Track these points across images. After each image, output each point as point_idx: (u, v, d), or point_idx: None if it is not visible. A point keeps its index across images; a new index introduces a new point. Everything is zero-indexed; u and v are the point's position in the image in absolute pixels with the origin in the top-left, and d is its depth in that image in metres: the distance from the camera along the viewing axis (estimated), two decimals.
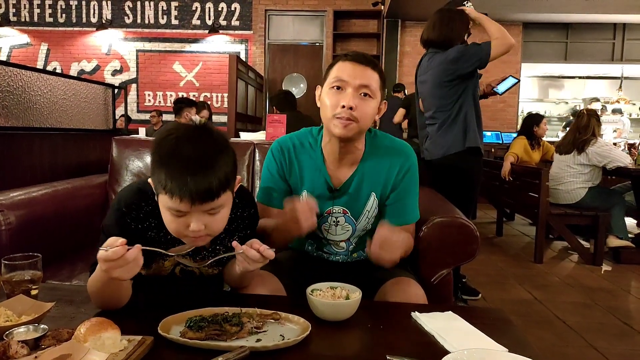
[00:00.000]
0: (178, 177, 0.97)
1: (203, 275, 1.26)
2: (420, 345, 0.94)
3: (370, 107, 1.26)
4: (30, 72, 2.79)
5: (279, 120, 2.77)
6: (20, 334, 0.86)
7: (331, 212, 1.39)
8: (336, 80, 1.26)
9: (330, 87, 1.27)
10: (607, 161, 3.67)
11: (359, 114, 1.23)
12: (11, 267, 1.05)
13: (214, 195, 1.00)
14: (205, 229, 1.02)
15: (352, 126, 1.24)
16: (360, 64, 1.26)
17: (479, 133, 2.55)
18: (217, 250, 1.20)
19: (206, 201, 0.99)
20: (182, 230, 1.03)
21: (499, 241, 4.59)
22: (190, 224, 1.01)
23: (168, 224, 1.05)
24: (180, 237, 1.07)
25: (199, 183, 0.97)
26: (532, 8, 6.88)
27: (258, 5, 7.65)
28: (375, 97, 1.27)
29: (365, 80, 1.24)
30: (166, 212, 1.03)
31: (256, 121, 7.06)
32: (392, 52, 7.49)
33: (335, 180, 1.38)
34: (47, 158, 2.73)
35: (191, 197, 0.97)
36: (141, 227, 1.12)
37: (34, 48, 7.84)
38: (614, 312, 2.71)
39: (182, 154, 0.99)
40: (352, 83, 1.24)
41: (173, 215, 1.02)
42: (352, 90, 1.24)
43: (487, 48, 2.38)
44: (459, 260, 1.53)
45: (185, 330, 0.91)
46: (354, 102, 1.23)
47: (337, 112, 1.24)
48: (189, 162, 0.98)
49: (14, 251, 1.11)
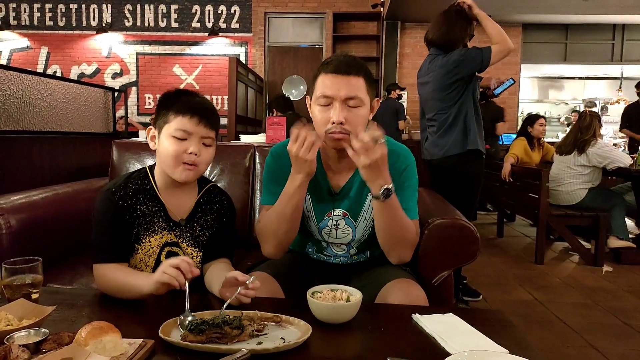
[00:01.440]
0: (192, 101, 1.26)
1: None
2: (421, 347, 0.94)
3: (361, 115, 1.26)
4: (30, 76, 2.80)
5: (279, 122, 2.78)
6: (21, 337, 0.86)
7: (332, 215, 1.39)
8: (321, 96, 1.26)
9: (318, 104, 1.27)
10: (607, 162, 3.67)
11: (350, 126, 1.22)
12: (12, 270, 1.05)
13: (214, 119, 1.27)
14: (199, 156, 1.24)
15: (346, 138, 1.23)
16: (341, 74, 1.24)
17: (480, 135, 2.55)
18: (193, 227, 1.34)
19: (208, 122, 1.25)
20: (182, 155, 1.23)
21: (500, 242, 4.58)
22: (188, 149, 1.22)
23: (167, 152, 1.24)
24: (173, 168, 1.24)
25: (206, 106, 1.27)
26: (531, 9, 6.88)
27: (258, 7, 7.66)
28: (364, 104, 1.26)
29: (350, 91, 1.23)
30: (168, 140, 1.23)
31: (256, 124, 7.07)
32: (391, 54, 7.49)
33: (334, 184, 1.38)
34: (47, 161, 2.73)
35: (200, 113, 1.23)
36: (130, 202, 1.27)
37: (34, 51, 7.84)
38: (614, 313, 2.70)
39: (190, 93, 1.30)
40: (337, 96, 1.23)
41: (176, 140, 1.23)
42: (339, 104, 1.23)
43: (487, 53, 2.39)
44: (460, 262, 1.53)
45: (185, 333, 0.91)
46: (343, 117, 1.23)
47: (328, 129, 1.24)
48: (197, 96, 1.29)
49: (15, 255, 1.11)
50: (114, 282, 1.17)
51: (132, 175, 1.32)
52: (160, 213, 1.30)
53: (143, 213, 1.28)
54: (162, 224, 1.30)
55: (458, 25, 2.51)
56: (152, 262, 1.31)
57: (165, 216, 1.31)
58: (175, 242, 1.32)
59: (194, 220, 1.34)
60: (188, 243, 1.32)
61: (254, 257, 1.58)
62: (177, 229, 1.32)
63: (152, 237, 1.29)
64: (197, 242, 1.34)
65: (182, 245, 1.32)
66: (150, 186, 1.31)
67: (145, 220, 1.29)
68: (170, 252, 1.31)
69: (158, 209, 1.30)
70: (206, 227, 1.35)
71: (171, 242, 1.31)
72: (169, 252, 1.31)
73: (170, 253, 1.31)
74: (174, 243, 1.32)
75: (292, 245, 1.57)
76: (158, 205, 1.30)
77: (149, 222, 1.29)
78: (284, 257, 1.46)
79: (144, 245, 1.29)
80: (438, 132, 2.59)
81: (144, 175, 1.33)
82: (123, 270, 1.21)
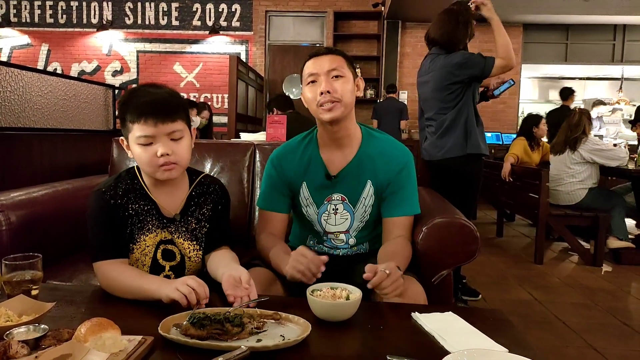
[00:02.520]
0: (140, 103, 1.18)
1: (183, 260, 1.32)
2: (420, 345, 0.94)
3: (346, 85, 1.37)
4: (30, 73, 2.79)
5: (279, 121, 2.77)
6: (21, 334, 0.86)
7: (330, 199, 1.44)
8: (308, 76, 1.39)
9: (307, 84, 1.40)
10: (600, 158, 3.68)
11: (338, 94, 1.35)
12: (12, 267, 1.05)
13: (172, 110, 1.19)
14: (172, 155, 1.19)
15: (337, 106, 1.35)
16: (322, 55, 1.39)
17: (482, 137, 2.55)
18: (188, 221, 1.32)
19: (167, 118, 1.18)
20: (153, 160, 1.19)
21: (499, 242, 4.59)
22: (157, 151, 1.18)
23: (141, 160, 1.21)
24: (153, 173, 1.22)
25: (157, 102, 1.18)
26: (532, 9, 6.88)
27: (258, 6, 7.65)
28: (346, 75, 1.38)
29: (331, 64, 1.36)
30: (137, 147, 1.20)
31: (256, 122, 7.06)
32: (392, 54, 7.49)
33: (332, 167, 1.44)
34: (47, 158, 2.73)
35: (153, 113, 1.16)
36: (120, 202, 1.26)
37: (34, 49, 7.84)
38: (614, 313, 2.71)
39: (141, 91, 1.22)
40: (321, 71, 1.36)
41: (142, 146, 1.19)
42: (324, 77, 1.36)
43: (490, 63, 2.39)
44: (459, 261, 1.53)
45: (187, 326, 0.91)
46: (330, 86, 1.34)
47: (319, 101, 1.35)
48: (147, 94, 1.20)
49: (15, 251, 1.11)
50: (121, 283, 1.16)
51: (121, 175, 1.32)
52: (152, 211, 1.29)
53: (135, 212, 1.28)
54: (156, 222, 1.29)
55: (460, 25, 2.50)
56: (148, 261, 1.30)
57: (157, 214, 1.30)
58: (170, 240, 1.31)
59: (188, 214, 1.33)
60: (184, 238, 1.32)
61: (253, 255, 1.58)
62: (172, 225, 1.31)
63: (146, 235, 1.29)
64: (194, 236, 1.33)
65: (178, 241, 1.31)
66: (140, 185, 1.30)
67: (138, 219, 1.28)
68: (166, 249, 1.31)
69: (150, 208, 1.29)
70: (203, 220, 1.34)
71: (166, 240, 1.31)
72: (165, 250, 1.31)
73: (166, 251, 1.31)
74: (169, 241, 1.31)
75: (292, 241, 1.58)
76: (149, 203, 1.29)
77: (141, 221, 1.28)
78: None
79: (139, 245, 1.28)
80: (437, 134, 2.58)
81: (133, 175, 1.32)
82: (130, 271, 1.19)
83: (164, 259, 1.31)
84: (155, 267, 1.31)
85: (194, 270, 1.34)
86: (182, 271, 1.33)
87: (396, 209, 1.43)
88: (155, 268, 1.31)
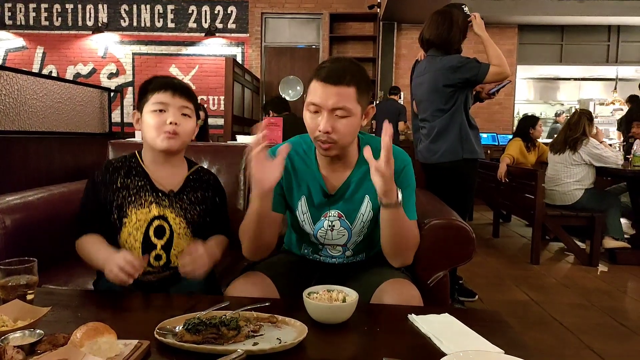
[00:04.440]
0: (162, 80, 1.37)
1: (172, 237, 1.38)
2: (416, 347, 0.94)
3: (349, 125, 1.25)
4: (25, 76, 2.79)
5: (275, 123, 2.77)
6: (16, 339, 0.85)
7: (327, 216, 1.39)
8: (310, 103, 1.26)
9: (308, 109, 1.28)
10: (599, 164, 3.70)
11: (337, 136, 1.24)
12: (7, 271, 1.04)
13: (188, 91, 1.38)
14: (179, 125, 1.34)
15: (333, 147, 1.26)
16: (331, 84, 1.22)
17: (477, 142, 2.55)
18: (182, 199, 1.42)
19: (183, 94, 1.36)
20: (162, 126, 1.33)
21: (496, 243, 4.60)
22: (168, 119, 1.33)
23: (149, 125, 1.34)
24: (156, 139, 1.34)
25: (178, 81, 1.39)
26: (527, 10, 6.91)
27: (254, 8, 7.66)
28: (353, 114, 1.25)
29: (337, 102, 1.22)
30: (149, 115, 1.34)
31: (253, 124, 7.06)
32: (388, 55, 7.51)
33: (329, 185, 1.38)
34: (43, 162, 2.72)
35: (173, 87, 1.35)
36: (110, 176, 1.38)
37: (29, 51, 7.81)
38: (610, 313, 2.71)
39: (164, 76, 1.41)
40: (325, 106, 1.23)
41: (155, 113, 1.34)
42: (326, 114, 1.23)
43: (485, 69, 2.39)
44: (456, 262, 1.54)
45: (182, 332, 0.91)
46: (330, 127, 1.23)
47: (316, 136, 1.26)
48: (169, 78, 1.39)
49: (10, 256, 1.11)
50: (84, 251, 1.33)
51: (112, 160, 1.45)
52: (147, 187, 1.38)
53: (125, 186, 1.38)
54: (150, 198, 1.37)
55: (454, 25, 2.50)
56: (140, 235, 1.36)
57: (152, 189, 1.38)
58: (162, 216, 1.38)
59: (183, 193, 1.42)
60: (177, 214, 1.39)
61: None
62: (166, 200, 1.39)
63: (138, 210, 1.36)
64: (185, 214, 1.40)
65: (171, 215, 1.38)
66: (137, 163, 1.42)
67: (130, 193, 1.37)
68: (159, 225, 1.37)
69: (144, 183, 1.39)
70: (195, 203, 1.43)
71: (159, 216, 1.37)
72: (158, 227, 1.37)
73: (159, 227, 1.37)
74: (162, 217, 1.37)
75: (287, 246, 1.57)
76: (144, 179, 1.39)
77: (134, 195, 1.37)
78: (279, 258, 1.46)
79: (130, 218, 1.36)
80: (430, 137, 2.58)
81: (132, 155, 1.45)
82: (93, 241, 1.33)
83: (155, 237, 1.37)
84: (147, 245, 1.37)
85: (180, 250, 1.39)
86: (170, 250, 1.40)
87: None
88: (147, 246, 1.37)
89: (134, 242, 1.35)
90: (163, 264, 1.38)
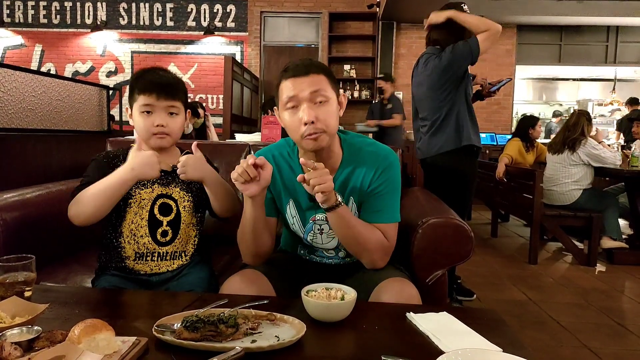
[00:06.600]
0: (148, 79, 1.39)
1: (179, 215, 1.44)
2: (415, 345, 0.94)
3: (331, 110, 1.26)
4: (24, 74, 2.78)
5: (274, 121, 2.77)
6: (14, 335, 0.85)
7: (315, 219, 1.38)
8: (288, 100, 1.25)
9: (286, 109, 1.27)
10: (597, 164, 3.71)
11: (323, 124, 1.23)
12: (5, 268, 1.04)
13: (173, 90, 1.40)
14: (166, 127, 1.38)
15: (322, 137, 1.24)
16: (301, 76, 1.24)
17: (475, 131, 2.55)
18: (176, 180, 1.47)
19: (168, 95, 1.38)
20: (150, 128, 1.38)
21: (494, 242, 4.60)
22: (155, 122, 1.37)
23: (139, 127, 1.39)
24: (147, 139, 1.39)
25: (163, 80, 1.39)
26: (526, 11, 6.92)
27: (253, 6, 7.65)
28: (330, 99, 1.26)
29: (313, 86, 1.23)
30: (138, 115, 1.39)
31: (251, 123, 7.06)
32: (387, 55, 7.51)
33: None
34: (41, 159, 2.72)
35: (159, 88, 1.37)
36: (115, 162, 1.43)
37: (28, 49, 7.80)
38: (607, 313, 2.72)
39: (151, 71, 1.42)
40: (303, 96, 1.23)
41: (143, 114, 1.38)
42: (306, 103, 1.23)
43: (474, 42, 2.36)
44: (454, 261, 1.54)
45: (180, 329, 0.91)
46: (314, 115, 1.22)
47: (302, 132, 1.23)
48: (155, 74, 1.40)
49: (8, 253, 1.11)
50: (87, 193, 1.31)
51: (110, 151, 1.52)
52: None
53: None
54: None
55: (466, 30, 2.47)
56: (145, 214, 1.42)
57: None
58: (166, 194, 1.44)
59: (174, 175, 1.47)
60: (181, 187, 1.47)
61: None
62: (169, 176, 1.46)
63: (141, 190, 1.42)
64: (188, 188, 1.48)
65: (175, 190, 1.46)
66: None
67: None
68: (163, 204, 1.44)
69: None
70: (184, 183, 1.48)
71: (163, 194, 1.44)
72: (162, 205, 1.43)
73: (163, 205, 1.43)
74: (165, 194, 1.44)
75: (284, 246, 1.57)
76: None
77: None
78: (277, 257, 1.46)
79: (135, 198, 1.41)
80: (430, 131, 2.59)
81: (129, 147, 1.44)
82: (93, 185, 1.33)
83: (160, 214, 1.43)
84: (153, 222, 1.42)
85: (187, 224, 1.47)
86: (178, 225, 1.45)
87: (370, 214, 1.33)
88: (153, 223, 1.42)
89: (140, 221, 1.41)
90: (169, 239, 1.44)
